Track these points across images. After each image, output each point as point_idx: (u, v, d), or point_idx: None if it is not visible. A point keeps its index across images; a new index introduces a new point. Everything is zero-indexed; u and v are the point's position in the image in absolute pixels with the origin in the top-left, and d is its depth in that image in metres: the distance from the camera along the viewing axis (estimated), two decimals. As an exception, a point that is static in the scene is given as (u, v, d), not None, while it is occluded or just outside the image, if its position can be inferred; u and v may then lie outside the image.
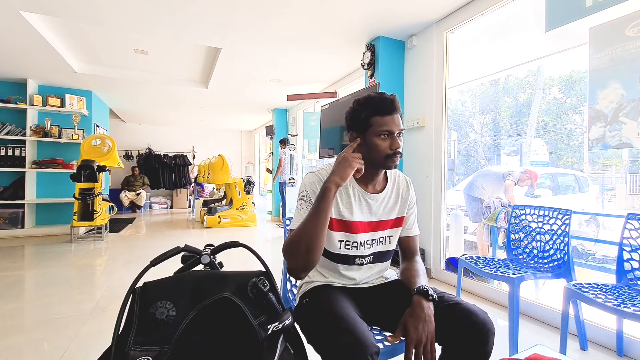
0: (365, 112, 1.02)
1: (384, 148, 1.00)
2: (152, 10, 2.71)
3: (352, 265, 1.09)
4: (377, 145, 1.01)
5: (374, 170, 1.08)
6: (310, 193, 1.03)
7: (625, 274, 1.57)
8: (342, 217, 1.06)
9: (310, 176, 1.06)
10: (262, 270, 0.85)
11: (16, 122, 4.67)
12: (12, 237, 4.54)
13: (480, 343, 0.86)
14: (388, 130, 1.00)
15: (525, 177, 3.43)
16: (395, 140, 1.00)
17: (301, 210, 1.01)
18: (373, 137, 1.01)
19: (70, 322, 2.02)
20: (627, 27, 1.63)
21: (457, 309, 0.92)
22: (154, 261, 0.79)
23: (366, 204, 1.09)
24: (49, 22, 3.13)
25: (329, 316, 0.88)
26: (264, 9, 2.66)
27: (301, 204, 1.03)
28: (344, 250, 1.07)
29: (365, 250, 1.09)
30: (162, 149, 8.75)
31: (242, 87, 5.00)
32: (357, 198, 1.08)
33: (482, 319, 0.88)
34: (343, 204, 1.06)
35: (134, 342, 0.67)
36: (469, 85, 5.97)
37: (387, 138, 1.01)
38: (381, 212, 1.11)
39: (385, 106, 1.00)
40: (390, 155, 1.01)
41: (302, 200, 1.03)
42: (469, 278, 2.62)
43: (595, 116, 1.74)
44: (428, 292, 0.92)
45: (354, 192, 1.08)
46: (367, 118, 1.02)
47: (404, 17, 2.75)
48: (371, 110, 1.01)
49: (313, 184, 1.04)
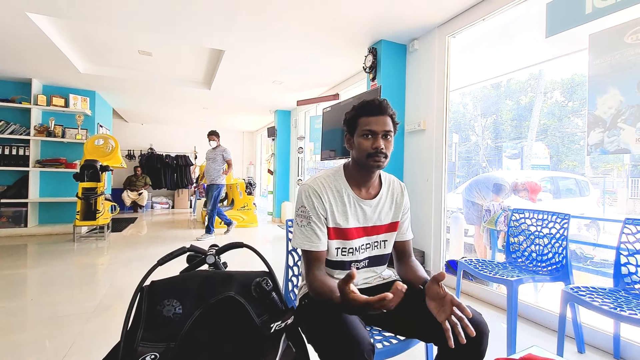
0: (353, 113, 1.07)
1: (365, 147, 1.03)
2: (157, 12, 2.74)
3: (348, 269, 1.11)
4: (360, 144, 1.04)
5: (364, 172, 1.10)
6: (309, 209, 1.05)
7: (623, 278, 1.59)
8: (338, 226, 1.08)
9: (305, 189, 1.08)
10: (265, 271, 0.88)
11: (20, 121, 4.71)
12: (15, 235, 4.57)
13: (474, 343, 0.88)
14: (370, 129, 1.03)
15: (522, 188, 3.42)
16: (377, 140, 1.02)
17: (302, 228, 1.04)
18: (358, 136, 1.05)
19: (73, 320, 2.05)
20: (626, 34, 1.65)
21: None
22: (161, 260, 0.82)
23: (361, 209, 1.11)
24: (54, 23, 3.17)
25: (326, 316, 0.90)
26: (267, 12, 2.69)
27: (301, 220, 1.05)
28: (340, 257, 1.10)
29: (359, 255, 1.12)
30: (164, 149, 8.79)
31: (245, 88, 5.03)
32: (352, 205, 1.10)
33: (476, 320, 0.91)
34: (339, 212, 1.08)
35: (142, 339, 0.69)
36: (470, 88, 5.98)
37: (369, 138, 1.03)
38: (376, 217, 1.13)
39: (371, 108, 1.04)
40: (372, 154, 1.02)
41: (302, 216, 1.06)
42: (469, 280, 2.64)
43: (594, 121, 1.76)
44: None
45: (349, 199, 1.10)
46: (355, 119, 1.07)
47: (406, 21, 2.77)
48: (358, 112, 1.06)
49: (308, 198, 1.06)
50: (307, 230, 1.04)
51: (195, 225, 5.87)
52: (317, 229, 1.04)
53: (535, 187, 3.47)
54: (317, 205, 1.05)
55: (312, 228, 1.04)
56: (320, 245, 1.03)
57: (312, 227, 1.04)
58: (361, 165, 1.07)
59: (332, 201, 1.08)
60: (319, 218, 1.05)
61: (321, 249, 1.03)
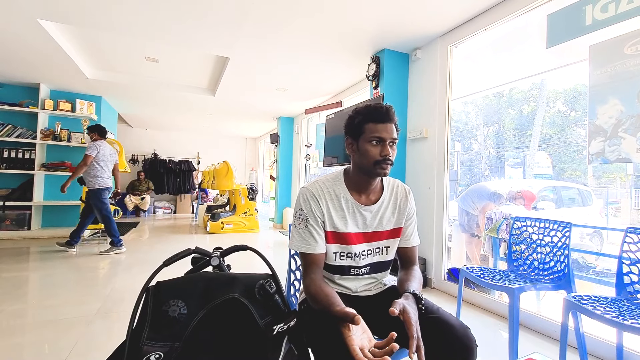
0: (359, 118, 1.05)
1: (373, 154, 1.02)
2: (165, 20, 2.80)
3: (348, 275, 1.10)
4: (367, 150, 1.02)
5: (366, 178, 1.08)
6: (306, 212, 1.05)
7: (625, 287, 1.58)
8: (336, 230, 1.07)
9: (303, 192, 1.08)
10: (269, 273, 0.89)
11: (27, 125, 4.78)
12: (18, 238, 4.60)
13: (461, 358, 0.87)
14: (378, 136, 1.01)
15: (517, 196, 3.42)
16: (385, 147, 1.02)
17: (300, 230, 1.05)
18: (365, 142, 1.03)
19: (75, 323, 2.06)
20: (626, 46, 1.68)
21: (437, 321, 0.93)
22: (167, 262, 0.83)
23: (360, 215, 1.09)
24: (63, 29, 3.24)
25: (325, 320, 0.90)
26: (273, 21, 2.74)
27: (299, 223, 1.06)
28: (339, 262, 1.09)
29: (360, 261, 1.10)
30: (167, 154, 8.85)
31: (249, 95, 5.09)
32: (351, 210, 1.09)
33: (462, 334, 0.89)
34: (337, 216, 1.07)
35: (147, 338, 0.70)
36: (472, 97, 6.00)
37: (377, 145, 1.02)
38: (376, 223, 1.11)
39: (378, 114, 1.03)
40: (380, 161, 1.01)
41: (299, 219, 1.06)
42: (470, 289, 2.62)
43: (595, 131, 1.77)
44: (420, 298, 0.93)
45: (348, 205, 1.09)
46: (360, 124, 1.04)
47: (408, 31, 2.82)
48: (365, 117, 1.04)
49: (306, 201, 1.06)
50: (304, 232, 1.04)
51: (197, 230, 5.89)
52: (314, 231, 1.04)
53: (530, 195, 3.46)
54: (314, 209, 1.05)
55: (310, 231, 1.04)
56: (317, 248, 1.03)
57: (309, 230, 1.04)
58: (365, 171, 1.06)
59: (330, 205, 1.07)
60: (316, 221, 1.04)
61: (318, 252, 1.03)
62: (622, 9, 1.69)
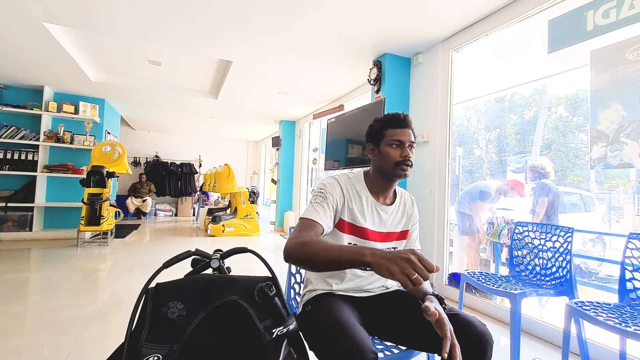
0: (379, 125, 1.14)
1: (394, 156, 1.09)
2: (168, 24, 2.83)
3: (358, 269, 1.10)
4: (388, 153, 1.10)
5: (386, 181, 1.15)
6: (327, 192, 1.09)
7: (628, 293, 1.57)
8: (354, 222, 1.11)
9: (331, 178, 1.15)
10: (269, 276, 0.89)
11: (31, 127, 4.81)
12: (19, 239, 4.61)
13: (479, 354, 0.88)
14: (398, 139, 1.10)
15: (507, 188, 3.42)
16: (405, 149, 1.10)
17: (315, 204, 1.06)
18: (385, 146, 1.11)
19: (74, 325, 2.05)
20: (627, 51, 1.68)
21: (457, 319, 0.94)
22: (167, 263, 0.83)
23: (377, 214, 1.15)
24: (68, 32, 3.27)
25: (329, 322, 0.90)
26: (274, 25, 2.76)
27: (316, 198, 1.09)
28: None
29: None
30: (169, 156, 8.88)
31: (251, 98, 5.11)
32: (370, 208, 1.14)
33: (480, 330, 0.91)
34: (358, 210, 1.12)
35: (146, 340, 0.70)
36: (474, 102, 6.02)
37: (397, 147, 1.10)
38: (390, 223, 1.18)
39: (397, 120, 1.12)
40: (400, 162, 1.09)
41: (319, 195, 1.09)
42: (472, 294, 2.61)
43: (597, 136, 1.77)
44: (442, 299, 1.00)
45: (367, 202, 1.14)
46: (381, 130, 1.13)
47: (410, 36, 2.83)
48: (385, 124, 1.13)
49: (332, 185, 1.11)
50: (317, 205, 1.06)
51: (198, 233, 5.89)
52: (327, 208, 1.06)
53: (517, 182, 3.44)
54: (336, 192, 1.10)
55: (322, 206, 1.06)
56: (320, 219, 1.01)
57: (322, 205, 1.06)
58: (385, 174, 1.13)
59: (352, 197, 1.12)
60: (333, 202, 1.09)
61: (319, 222, 1.01)
62: (624, 14, 1.70)
